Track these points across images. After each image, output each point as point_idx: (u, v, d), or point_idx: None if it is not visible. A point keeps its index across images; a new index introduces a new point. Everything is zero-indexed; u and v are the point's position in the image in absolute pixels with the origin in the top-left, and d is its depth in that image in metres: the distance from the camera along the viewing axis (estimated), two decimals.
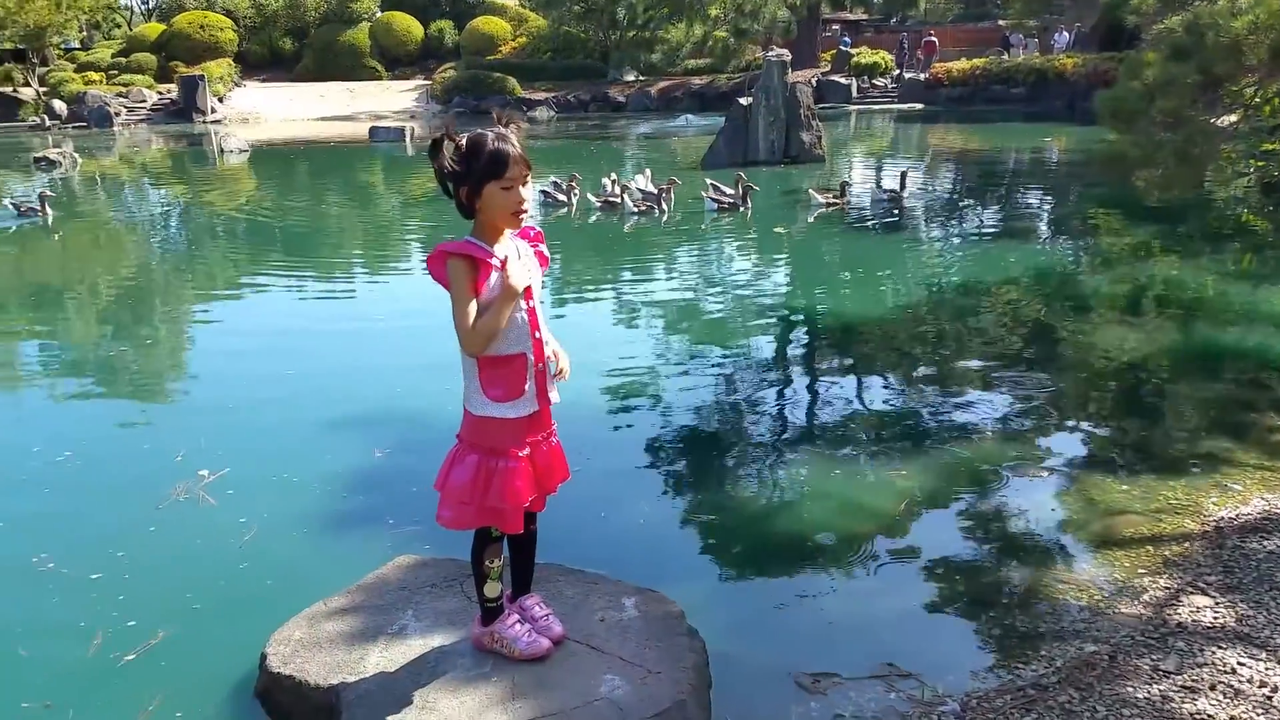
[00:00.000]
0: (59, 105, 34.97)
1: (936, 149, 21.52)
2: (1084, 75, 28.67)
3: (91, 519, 4.17)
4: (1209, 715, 2.74)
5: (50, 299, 8.94)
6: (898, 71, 36.17)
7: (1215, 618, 3.24)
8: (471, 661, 2.82)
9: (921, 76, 34.48)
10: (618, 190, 13.20)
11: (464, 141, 2.45)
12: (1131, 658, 3.05)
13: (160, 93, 37.31)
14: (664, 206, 12.57)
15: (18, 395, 6.15)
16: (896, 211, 12.55)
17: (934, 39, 37.77)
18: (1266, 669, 2.94)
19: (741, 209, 12.51)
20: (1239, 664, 2.97)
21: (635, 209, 12.59)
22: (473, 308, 2.44)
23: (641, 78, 39.96)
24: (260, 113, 36.86)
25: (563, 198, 13.38)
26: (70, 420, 5.54)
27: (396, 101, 38.74)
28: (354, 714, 2.65)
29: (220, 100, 37.05)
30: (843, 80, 35.16)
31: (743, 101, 17.97)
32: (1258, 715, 2.73)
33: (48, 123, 33.66)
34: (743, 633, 3.28)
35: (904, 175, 13.52)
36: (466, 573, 3.05)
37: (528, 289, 2.53)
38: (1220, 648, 3.06)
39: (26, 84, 37.41)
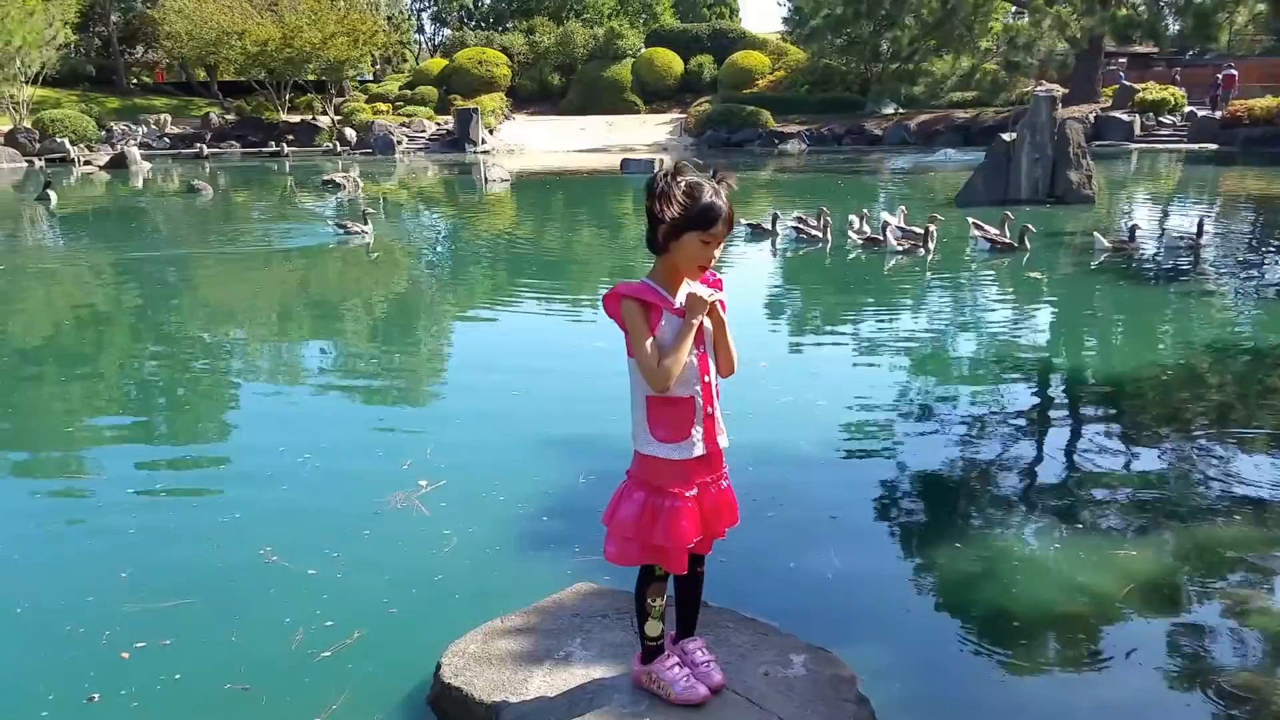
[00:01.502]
0: (350, 133, 38.93)
1: (1229, 194, 19.48)
2: None
3: (317, 518, 4.50)
4: None
5: (332, 310, 9.91)
6: (1189, 109, 33.21)
7: None
8: (628, 699, 2.79)
9: (1215, 114, 31.44)
10: (866, 227, 12.89)
11: (684, 184, 2.46)
12: None
13: (438, 124, 40.74)
14: (929, 246, 12.05)
15: (277, 399, 6.78)
16: (1191, 260, 11.48)
17: (1234, 72, 34.40)
18: None
19: (1018, 249, 11.79)
20: None
21: (898, 247, 12.16)
22: (651, 344, 2.45)
23: (900, 110, 39.07)
24: (525, 144, 39.28)
25: (817, 233, 13.10)
26: (316, 423, 6.04)
27: (651, 134, 40.07)
28: None
29: (491, 132, 39.86)
30: (1124, 117, 32.75)
31: (1006, 137, 17.11)
32: None
33: (339, 149, 37.47)
34: (920, 709, 3.04)
35: (1201, 221, 12.39)
36: None
37: (699, 333, 2.50)
38: None
39: (324, 113, 41.98)
